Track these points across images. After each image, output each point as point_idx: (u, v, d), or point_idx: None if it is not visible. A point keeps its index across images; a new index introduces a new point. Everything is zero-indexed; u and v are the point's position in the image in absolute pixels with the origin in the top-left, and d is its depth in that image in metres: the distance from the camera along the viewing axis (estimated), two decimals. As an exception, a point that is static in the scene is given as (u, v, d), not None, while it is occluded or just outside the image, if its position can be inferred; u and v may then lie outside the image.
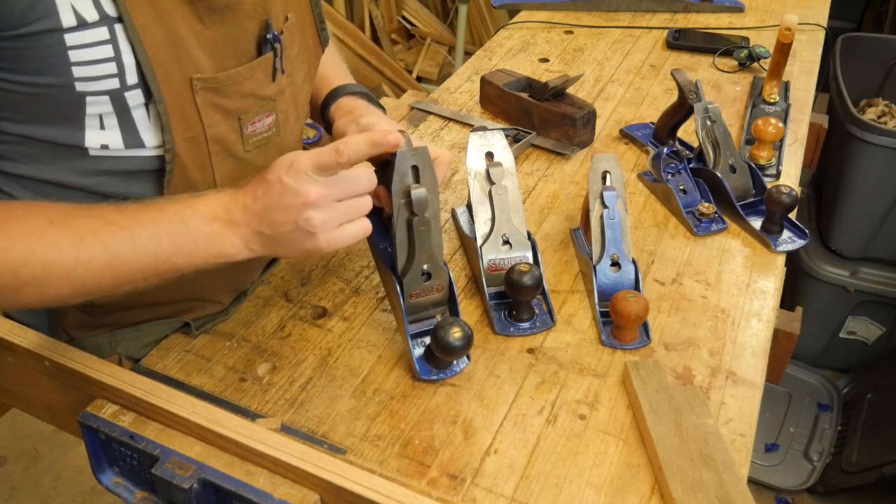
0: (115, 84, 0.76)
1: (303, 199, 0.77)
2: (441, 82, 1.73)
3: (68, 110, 0.77)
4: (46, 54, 0.72)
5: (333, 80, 1.09)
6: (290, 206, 0.77)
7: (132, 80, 0.77)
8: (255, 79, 0.87)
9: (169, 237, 0.77)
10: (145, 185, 0.85)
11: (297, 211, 0.77)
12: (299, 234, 0.78)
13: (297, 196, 0.77)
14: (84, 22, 0.72)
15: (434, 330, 0.86)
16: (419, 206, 0.86)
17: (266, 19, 0.86)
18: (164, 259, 0.77)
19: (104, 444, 0.83)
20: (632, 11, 1.92)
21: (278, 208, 0.78)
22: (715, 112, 1.22)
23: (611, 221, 1.02)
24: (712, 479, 0.77)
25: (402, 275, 0.90)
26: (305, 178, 0.77)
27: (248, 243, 0.79)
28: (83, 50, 0.73)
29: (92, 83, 0.75)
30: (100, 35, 0.73)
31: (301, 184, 0.77)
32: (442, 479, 0.80)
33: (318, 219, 0.78)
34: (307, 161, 0.77)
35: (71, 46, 0.72)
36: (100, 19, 0.73)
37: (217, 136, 0.85)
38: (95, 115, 0.78)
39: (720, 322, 1.00)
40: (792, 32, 1.35)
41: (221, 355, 0.95)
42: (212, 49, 0.82)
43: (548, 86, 1.36)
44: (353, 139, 0.79)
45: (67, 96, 0.75)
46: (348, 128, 0.98)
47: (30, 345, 0.87)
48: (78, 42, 0.72)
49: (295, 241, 0.79)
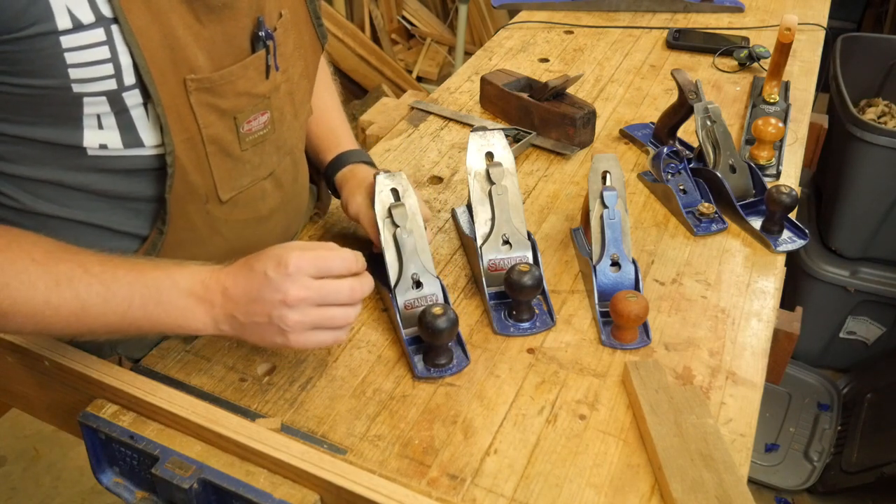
0: (112, 85, 0.76)
1: (281, 298, 0.78)
2: (441, 82, 1.73)
3: (66, 111, 0.76)
4: (42, 57, 0.71)
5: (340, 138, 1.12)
6: (268, 301, 0.78)
7: (129, 81, 0.77)
8: (249, 77, 0.87)
9: (141, 302, 0.78)
10: (145, 184, 0.85)
11: (273, 307, 0.78)
12: (271, 328, 0.79)
13: (276, 292, 0.78)
14: (80, 24, 0.72)
15: (420, 315, 0.88)
16: (400, 218, 0.94)
17: (258, 16, 0.86)
18: (129, 321, 0.78)
19: (104, 444, 0.83)
20: (632, 11, 1.92)
21: (256, 299, 0.79)
22: (715, 112, 1.22)
23: (611, 221, 1.02)
24: (712, 479, 0.77)
25: (394, 286, 0.95)
26: (289, 277, 0.78)
27: (217, 324, 0.80)
28: (79, 52, 0.73)
29: (89, 84, 0.75)
30: (96, 37, 0.73)
31: (283, 281, 0.78)
32: (442, 479, 0.80)
33: (293, 319, 0.78)
34: (297, 261, 0.78)
35: (67, 49, 0.72)
36: (96, 21, 0.72)
37: (213, 136, 0.85)
38: (93, 116, 0.78)
39: (720, 322, 1.00)
40: (792, 32, 1.35)
41: (221, 355, 0.95)
42: (209, 48, 0.82)
43: (548, 86, 1.36)
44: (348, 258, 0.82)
45: (64, 98, 0.75)
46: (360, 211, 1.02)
47: (30, 345, 0.87)
48: (74, 44, 0.72)
49: (265, 334, 0.80)
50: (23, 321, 0.75)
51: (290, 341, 0.80)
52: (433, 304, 0.89)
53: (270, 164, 0.95)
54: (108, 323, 0.78)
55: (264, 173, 0.95)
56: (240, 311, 0.79)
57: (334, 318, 0.81)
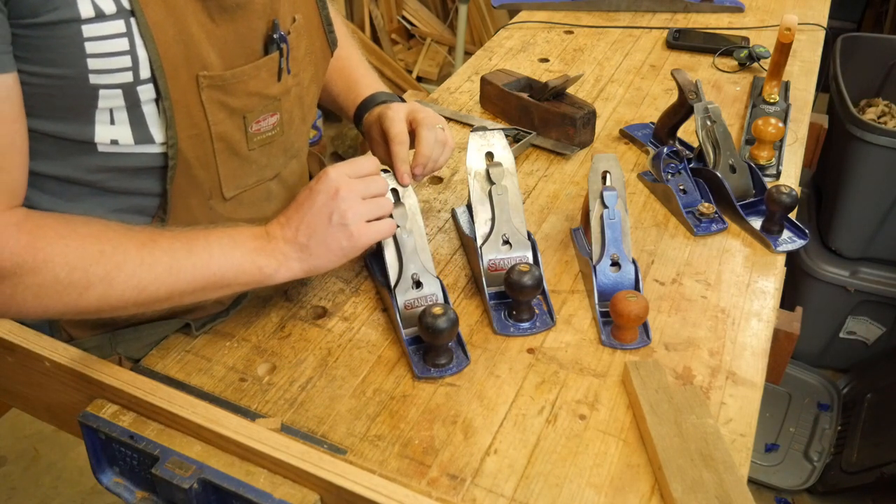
0: (128, 78, 0.76)
1: (332, 193, 0.86)
2: (441, 82, 1.73)
3: (79, 104, 0.77)
4: (62, 45, 0.72)
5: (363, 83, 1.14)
6: (323, 204, 0.86)
7: (145, 75, 0.77)
8: (261, 78, 0.87)
9: (220, 249, 0.83)
10: (152, 182, 0.86)
11: (329, 206, 0.85)
12: (333, 230, 0.86)
13: (326, 193, 0.86)
14: (102, 13, 0.72)
15: (420, 315, 0.88)
16: (400, 218, 0.95)
17: (273, 19, 0.87)
18: (216, 269, 0.82)
19: (104, 444, 0.83)
20: (632, 11, 1.92)
21: (311, 210, 0.86)
22: (715, 112, 1.22)
23: (611, 221, 1.02)
24: (712, 479, 0.77)
25: (394, 286, 0.95)
26: (333, 179, 0.86)
27: (287, 259, 0.86)
28: (99, 42, 0.73)
29: (106, 76, 0.75)
30: (116, 28, 0.73)
31: (330, 184, 0.86)
32: (442, 479, 0.80)
33: (351, 211, 0.86)
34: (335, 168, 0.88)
35: (88, 38, 0.72)
36: (116, 11, 0.73)
37: (221, 133, 0.86)
38: (106, 110, 0.78)
39: (720, 322, 1.00)
40: (792, 32, 1.35)
41: (221, 355, 0.95)
42: (221, 47, 0.83)
43: (548, 86, 1.36)
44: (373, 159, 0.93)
45: (80, 89, 0.75)
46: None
47: (30, 345, 0.87)
48: (95, 34, 0.72)
49: (331, 241, 0.86)
50: (124, 287, 0.77)
51: (354, 236, 0.87)
52: (433, 304, 0.89)
53: (277, 166, 0.96)
54: (198, 277, 0.81)
55: (270, 174, 0.95)
56: (301, 231, 0.86)
57: (382, 206, 0.90)
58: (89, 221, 0.79)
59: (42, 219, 0.76)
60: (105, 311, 0.79)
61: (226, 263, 0.83)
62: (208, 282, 0.82)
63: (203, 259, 0.81)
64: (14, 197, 0.76)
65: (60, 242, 0.74)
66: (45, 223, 0.76)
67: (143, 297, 0.79)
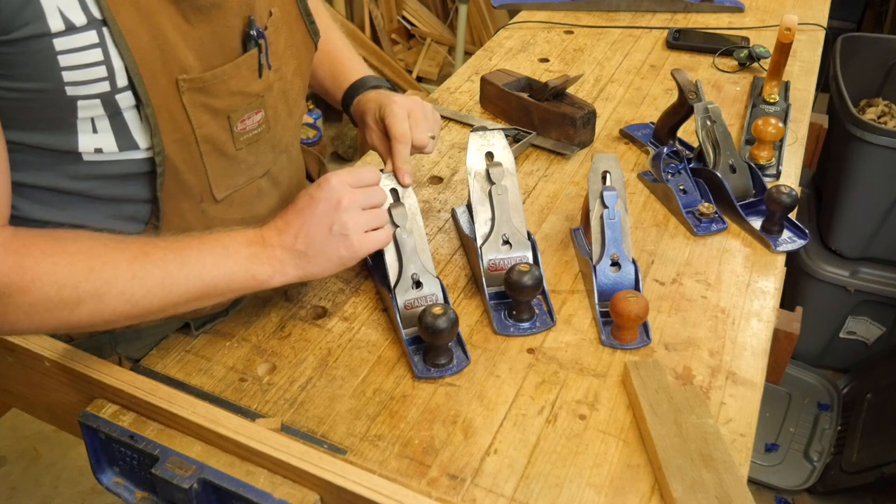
0: (105, 87, 0.75)
1: (334, 204, 0.86)
2: (441, 82, 1.73)
3: (59, 115, 0.76)
4: (36, 60, 0.71)
5: (350, 68, 1.14)
6: (323, 214, 0.86)
7: (122, 83, 0.76)
8: (242, 76, 0.87)
9: (212, 258, 0.82)
10: (140, 188, 0.85)
11: (330, 217, 0.85)
12: (333, 239, 0.86)
13: (328, 202, 0.86)
14: (73, 26, 0.71)
15: (420, 315, 0.88)
16: (400, 218, 0.95)
17: (249, 15, 0.86)
18: (208, 280, 0.82)
19: (104, 444, 0.83)
20: (632, 11, 1.92)
21: (311, 218, 0.86)
22: (715, 112, 1.22)
23: (611, 221, 1.02)
24: (712, 479, 0.77)
25: (394, 286, 0.95)
26: (334, 188, 0.86)
27: (282, 265, 0.86)
28: (72, 54, 0.72)
29: (82, 87, 0.74)
30: (89, 39, 0.73)
31: (331, 193, 0.86)
32: (442, 479, 0.80)
33: (351, 221, 0.86)
34: (336, 177, 0.87)
35: (60, 51, 0.71)
36: (87, 22, 0.72)
37: (207, 135, 0.85)
38: (87, 119, 0.77)
39: (720, 322, 1.00)
40: (792, 32, 1.35)
41: (221, 355, 0.95)
42: (198, 48, 0.82)
43: (548, 86, 1.36)
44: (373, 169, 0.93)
45: (58, 101, 0.74)
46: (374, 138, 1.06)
47: (30, 345, 0.87)
48: (67, 46, 0.72)
49: (330, 251, 0.86)
50: (115, 302, 0.77)
51: (353, 245, 0.87)
52: (433, 304, 0.89)
53: (266, 163, 0.95)
54: (191, 288, 0.81)
55: (259, 172, 0.95)
56: (300, 239, 0.85)
57: (380, 217, 0.91)
58: (78, 237, 0.78)
59: (29, 237, 0.75)
60: (99, 326, 0.79)
61: (219, 274, 0.82)
62: (201, 292, 0.82)
63: (195, 270, 0.81)
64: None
65: (48, 261, 0.74)
66: (32, 242, 0.75)
67: (136, 311, 0.79)
